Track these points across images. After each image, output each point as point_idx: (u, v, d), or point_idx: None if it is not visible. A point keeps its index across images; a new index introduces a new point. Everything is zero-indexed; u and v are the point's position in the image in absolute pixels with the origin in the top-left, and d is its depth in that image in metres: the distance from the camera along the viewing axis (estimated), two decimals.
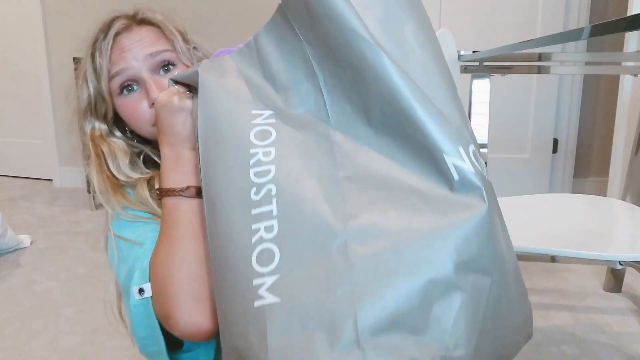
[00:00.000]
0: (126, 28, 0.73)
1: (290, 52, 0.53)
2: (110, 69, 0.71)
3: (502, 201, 1.37)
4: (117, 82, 0.71)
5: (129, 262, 0.68)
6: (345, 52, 0.47)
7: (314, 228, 0.44)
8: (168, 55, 0.73)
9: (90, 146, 0.75)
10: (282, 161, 0.48)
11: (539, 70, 1.60)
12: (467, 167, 0.44)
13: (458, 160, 0.44)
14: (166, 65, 0.73)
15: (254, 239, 0.45)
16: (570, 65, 1.64)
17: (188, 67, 0.75)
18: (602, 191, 2.46)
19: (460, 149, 0.45)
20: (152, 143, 0.77)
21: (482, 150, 1.49)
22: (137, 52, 0.71)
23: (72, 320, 1.56)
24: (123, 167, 0.73)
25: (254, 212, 0.46)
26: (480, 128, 1.50)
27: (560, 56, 1.59)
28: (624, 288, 1.69)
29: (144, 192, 0.71)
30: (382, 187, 0.46)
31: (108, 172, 0.72)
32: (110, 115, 0.74)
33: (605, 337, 1.41)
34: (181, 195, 0.59)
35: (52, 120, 3.22)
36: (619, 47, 2.30)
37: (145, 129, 0.73)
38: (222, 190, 0.49)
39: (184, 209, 0.59)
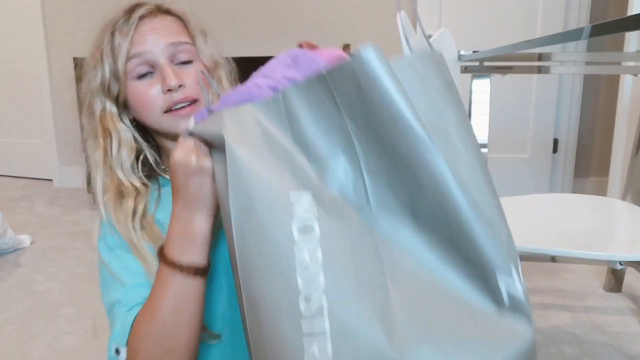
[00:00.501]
0: (151, 13, 0.72)
1: (327, 121, 0.49)
2: (130, 49, 0.69)
3: (502, 201, 1.37)
4: (133, 64, 0.69)
5: (111, 296, 0.68)
6: (398, 145, 0.45)
7: (370, 355, 0.42)
8: (188, 49, 0.72)
9: (99, 128, 0.71)
10: (330, 266, 0.44)
11: (539, 70, 1.60)
12: (518, 287, 0.44)
13: (509, 279, 0.44)
14: (184, 60, 0.72)
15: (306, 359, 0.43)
16: (570, 65, 1.64)
17: (206, 66, 0.74)
18: (602, 191, 2.46)
19: (512, 266, 0.44)
20: (152, 138, 0.76)
21: (482, 150, 1.50)
22: (159, 38, 0.70)
23: (72, 320, 1.56)
24: (125, 162, 0.71)
25: (305, 327, 0.43)
26: (480, 128, 1.50)
27: (560, 56, 1.59)
28: (624, 288, 1.69)
29: (127, 208, 0.69)
30: (431, 302, 0.44)
31: (111, 165, 0.71)
32: (121, 97, 0.71)
33: (605, 337, 1.41)
34: (180, 271, 0.57)
35: (52, 120, 3.22)
36: (619, 47, 2.30)
37: (154, 117, 0.71)
38: (265, 291, 0.45)
39: (178, 285, 0.57)
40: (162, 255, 0.59)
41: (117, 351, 0.60)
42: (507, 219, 0.52)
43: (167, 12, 0.73)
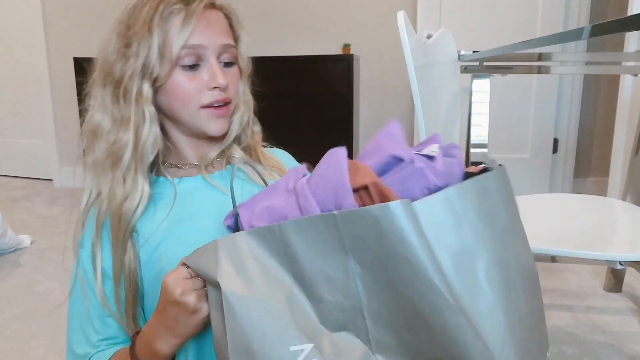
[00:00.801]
0: (212, 6, 0.70)
1: (326, 260, 0.48)
2: (190, 37, 0.66)
3: None
4: (185, 53, 0.67)
5: (71, 319, 0.71)
6: (415, 297, 0.44)
7: None
8: (233, 52, 0.72)
9: (132, 113, 0.67)
10: None
11: (539, 70, 1.60)
12: None
13: None
14: (228, 62, 0.71)
15: None
16: (570, 65, 1.64)
17: (241, 70, 0.74)
18: (602, 191, 2.46)
19: None
20: (171, 138, 0.74)
21: (482, 150, 1.50)
22: (216, 36, 0.68)
23: None
24: (149, 154, 0.68)
25: None
26: (480, 128, 1.50)
27: (560, 56, 1.59)
28: (624, 288, 1.69)
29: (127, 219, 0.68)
30: None
31: (137, 157, 0.68)
32: (159, 82, 0.68)
33: (605, 337, 1.41)
34: None
35: (52, 120, 3.22)
36: (619, 47, 2.30)
37: (190, 110, 0.69)
38: None
39: None
40: (132, 341, 0.62)
41: None
42: None
43: (220, 8, 0.71)
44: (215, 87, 0.68)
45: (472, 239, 0.47)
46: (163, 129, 0.72)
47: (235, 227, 0.57)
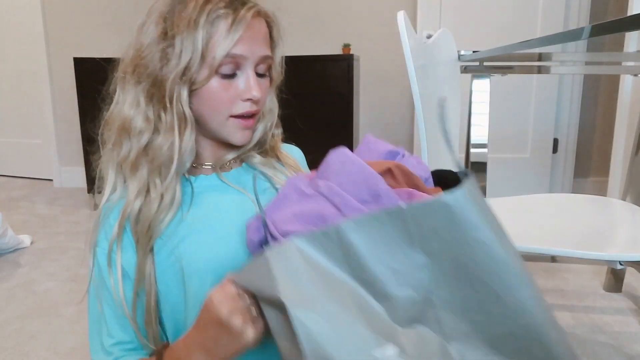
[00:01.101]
0: (259, 15, 0.68)
1: (392, 255, 0.47)
2: (234, 46, 0.64)
3: (502, 201, 1.37)
4: (228, 62, 0.65)
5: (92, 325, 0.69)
6: (486, 277, 0.45)
7: None
8: (269, 64, 0.70)
9: (175, 115, 0.65)
10: None
11: (539, 70, 1.60)
12: None
13: None
14: (262, 73, 0.70)
15: None
16: (570, 65, 1.64)
17: (272, 80, 0.72)
18: (602, 191, 2.46)
19: None
20: (200, 148, 0.72)
21: (482, 150, 1.50)
22: (257, 47, 0.67)
23: (72, 320, 1.56)
24: (185, 166, 0.67)
25: None
26: (480, 128, 1.50)
27: (560, 56, 1.59)
28: (624, 288, 1.69)
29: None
30: None
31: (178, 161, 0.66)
32: (194, 87, 0.65)
33: (606, 337, 1.41)
34: None
35: (52, 120, 3.22)
36: (619, 47, 2.30)
37: (219, 118, 0.67)
38: None
39: None
40: (159, 353, 0.61)
41: None
42: (507, 219, 0.53)
43: (265, 16, 0.69)
44: (249, 99, 0.67)
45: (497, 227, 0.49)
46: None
47: (264, 239, 0.55)
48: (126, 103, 0.67)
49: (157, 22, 0.66)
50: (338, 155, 0.54)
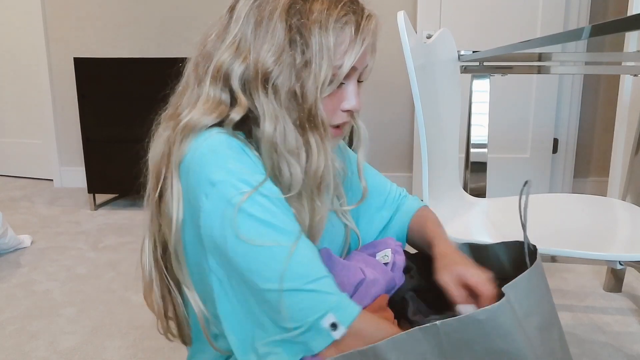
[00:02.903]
0: (375, 23, 0.65)
1: None
2: (356, 62, 0.61)
3: (502, 201, 1.37)
4: (344, 72, 0.61)
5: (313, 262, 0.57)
6: None
7: None
8: (368, 71, 0.68)
9: (307, 121, 0.60)
10: None
11: (539, 70, 1.60)
12: None
13: None
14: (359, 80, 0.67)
15: None
16: (570, 65, 1.64)
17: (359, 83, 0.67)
18: (602, 191, 2.46)
19: None
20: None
21: (482, 150, 1.50)
22: (369, 57, 0.65)
23: (72, 320, 1.56)
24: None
25: None
26: (480, 128, 1.50)
27: (560, 56, 1.59)
28: (624, 288, 1.69)
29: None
30: None
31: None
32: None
33: (606, 337, 1.41)
34: None
35: (52, 120, 3.22)
36: (619, 47, 2.30)
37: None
38: None
39: None
40: None
41: (334, 326, 0.53)
42: (508, 219, 0.54)
43: (377, 23, 0.65)
44: (348, 110, 0.65)
45: (548, 311, 0.52)
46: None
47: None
48: (266, 120, 0.59)
49: (281, 18, 0.58)
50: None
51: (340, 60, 0.59)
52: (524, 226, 0.56)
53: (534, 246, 0.57)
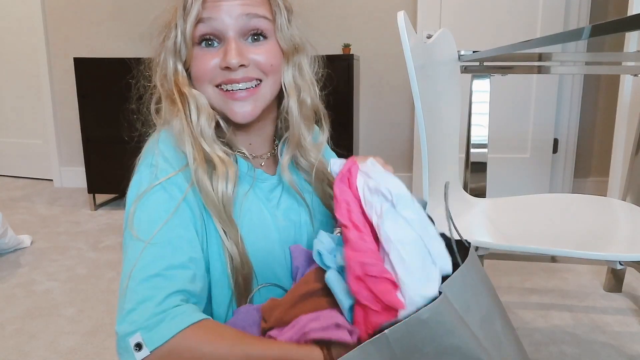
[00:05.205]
0: None
1: None
2: (201, 13, 0.62)
3: (502, 201, 1.37)
4: (200, 30, 0.63)
5: (153, 261, 0.56)
6: None
7: None
8: (264, 25, 0.65)
9: (175, 92, 0.65)
10: None
11: (539, 70, 1.60)
12: None
13: None
14: (257, 35, 0.65)
15: None
16: (570, 65, 1.64)
17: (281, 48, 0.67)
18: (602, 191, 2.46)
19: None
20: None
21: (482, 150, 1.50)
22: (234, 7, 0.63)
23: (72, 320, 1.56)
24: (206, 130, 0.63)
25: None
26: (480, 128, 1.50)
27: (560, 56, 1.59)
28: (624, 288, 1.69)
29: (204, 180, 0.61)
30: None
31: (193, 133, 0.63)
32: (188, 64, 0.66)
33: (606, 337, 1.41)
34: None
35: (52, 120, 3.22)
36: (619, 47, 2.30)
37: (206, 90, 0.65)
38: None
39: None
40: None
41: (138, 346, 0.50)
42: (508, 219, 0.54)
43: None
44: (226, 67, 0.63)
45: (486, 304, 0.53)
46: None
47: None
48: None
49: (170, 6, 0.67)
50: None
51: (188, 23, 0.63)
52: (450, 224, 0.57)
53: (468, 242, 0.57)
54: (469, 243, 0.57)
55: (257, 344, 0.54)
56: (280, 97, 0.72)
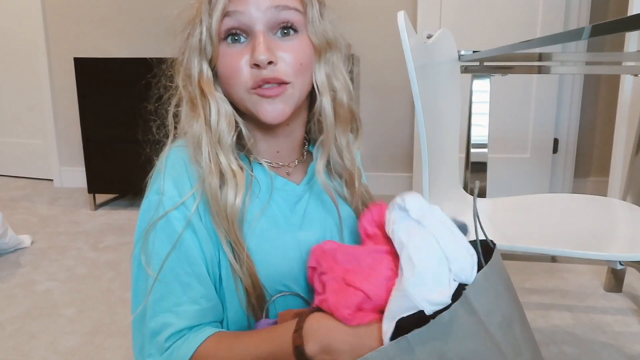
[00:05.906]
0: None
1: None
2: (227, 6, 0.59)
3: (502, 201, 1.37)
4: (226, 24, 0.59)
5: (160, 307, 0.59)
6: None
7: None
8: (294, 17, 0.61)
9: (197, 94, 0.62)
10: None
11: (539, 70, 1.60)
12: None
13: None
14: (287, 28, 0.61)
15: None
16: (571, 65, 1.64)
17: (312, 43, 0.63)
18: (602, 191, 2.46)
19: None
20: (244, 115, 0.66)
21: (482, 150, 1.49)
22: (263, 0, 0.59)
23: (72, 320, 1.56)
24: (225, 137, 0.61)
25: None
26: (480, 128, 1.50)
27: (560, 56, 1.59)
28: (624, 288, 1.69)
29: (228, 198, 0.59)
30: None
31: (212, 140, 0.61)
32: (214, 63, 0.62)
33: (606, 337, 1.41)
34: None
35: (53, 120, 3.22)
36: (619, 47, 2.30)
37: (238, 91, 0.61)
38: None
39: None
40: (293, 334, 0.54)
41: None
42: (508, 219, 0.54)
43: None
44: (255, 65, 0.59)
45: (507, 308, 0.53)
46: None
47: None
48: None
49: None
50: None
51: (214, 17, 0.60)
52: (477, 223, 0.57)
53: (494, 243, 0.57)
54: (494, 244, 0.57)
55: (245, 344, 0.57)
56: (311, 98, 0.69)
